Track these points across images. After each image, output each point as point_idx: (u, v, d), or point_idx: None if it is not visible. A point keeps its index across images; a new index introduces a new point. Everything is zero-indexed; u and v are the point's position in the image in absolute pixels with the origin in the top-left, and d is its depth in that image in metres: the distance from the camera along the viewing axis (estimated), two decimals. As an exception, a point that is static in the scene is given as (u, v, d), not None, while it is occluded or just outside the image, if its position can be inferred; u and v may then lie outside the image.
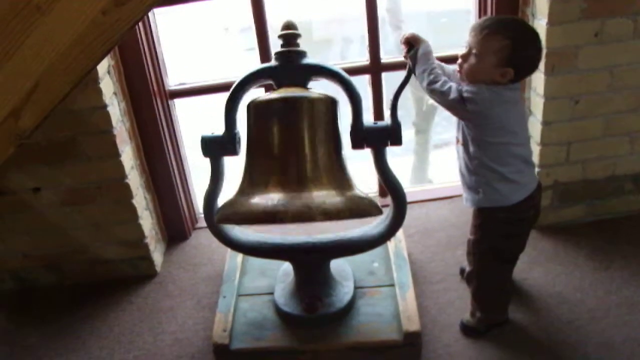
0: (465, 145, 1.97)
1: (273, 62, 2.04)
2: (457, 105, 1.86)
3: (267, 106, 1.99)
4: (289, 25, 2.01)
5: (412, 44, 1.97)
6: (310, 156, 1.95)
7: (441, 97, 1.87)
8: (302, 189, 1.89)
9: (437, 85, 1.87)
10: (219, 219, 1.97)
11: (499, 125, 1.88)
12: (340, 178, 1.99)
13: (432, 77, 1.89)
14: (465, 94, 1.84)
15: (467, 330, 2.21)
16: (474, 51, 1.85)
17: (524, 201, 1.96)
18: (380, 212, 1.94)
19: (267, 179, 1.94)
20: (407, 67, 1.99)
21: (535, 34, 1.86)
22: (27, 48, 1.32)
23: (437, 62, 1.97)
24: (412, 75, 1.98)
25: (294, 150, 1.96)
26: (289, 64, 2.01)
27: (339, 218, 1.84)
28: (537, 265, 2.46)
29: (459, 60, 1.92)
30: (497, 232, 2.02)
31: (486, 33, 1.82)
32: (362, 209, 1.90)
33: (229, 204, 1.96)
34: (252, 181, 1.99)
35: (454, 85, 1.87)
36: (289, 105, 1.96)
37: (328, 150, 1.98)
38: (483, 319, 2.17)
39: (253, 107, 2.01)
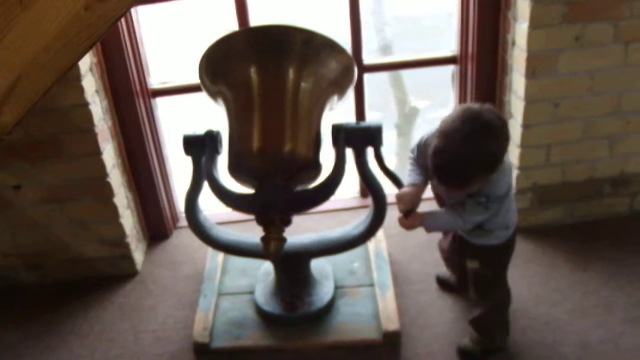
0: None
1: None
2: (487, 213, 1.85)
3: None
4: None
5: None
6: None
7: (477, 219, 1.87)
8: None
9: (461, 223, 1.87)
10: None
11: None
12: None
13: (459, 222, 1.87)
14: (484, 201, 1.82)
15: (466, 355, 2.13)
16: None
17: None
18: None
19: None
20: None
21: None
22: (8, 42, 1.31)
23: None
24: None
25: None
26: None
27: None
28: (516, 267, 2.47)
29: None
30: (504, 260, 2.03)
31: None
32: None
33: None
34: None
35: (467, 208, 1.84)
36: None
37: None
38: (480, 343, 2.11)
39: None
